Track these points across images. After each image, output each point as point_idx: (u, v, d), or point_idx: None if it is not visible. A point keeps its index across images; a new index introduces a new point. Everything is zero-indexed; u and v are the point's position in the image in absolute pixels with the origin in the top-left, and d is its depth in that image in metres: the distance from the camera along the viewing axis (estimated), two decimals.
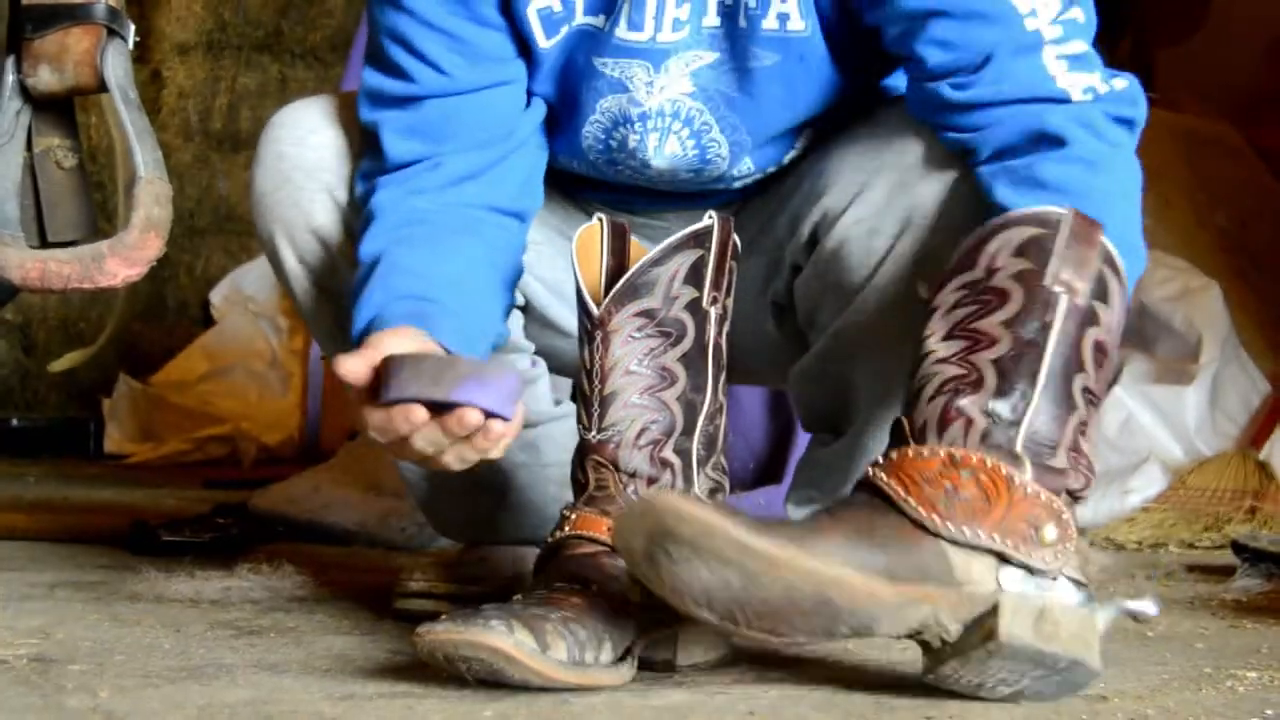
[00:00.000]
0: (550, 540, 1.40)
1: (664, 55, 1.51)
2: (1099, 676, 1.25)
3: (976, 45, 1.41)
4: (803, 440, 2.46)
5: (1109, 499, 2.61)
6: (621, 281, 1.37)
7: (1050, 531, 1.23)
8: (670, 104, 1.53)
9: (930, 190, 1.48)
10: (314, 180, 1.57)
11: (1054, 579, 1.23)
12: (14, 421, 4.31)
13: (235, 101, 4.50)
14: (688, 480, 1.39)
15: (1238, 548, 2.04)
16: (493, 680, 1.24)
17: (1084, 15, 1.44)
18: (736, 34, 1.50)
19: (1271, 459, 2.66)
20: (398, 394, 1.29)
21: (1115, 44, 3.90)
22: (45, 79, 1.58)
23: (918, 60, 1.44)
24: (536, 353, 1.69)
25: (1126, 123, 1.43)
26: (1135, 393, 2.76)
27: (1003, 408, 1.25)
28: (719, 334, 1.40)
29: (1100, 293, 1.29)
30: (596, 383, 1.39)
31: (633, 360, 1.38)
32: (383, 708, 1.20)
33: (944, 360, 1.28)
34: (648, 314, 1.37)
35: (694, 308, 1.38)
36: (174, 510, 2.63)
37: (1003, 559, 1.22)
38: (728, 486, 1.45)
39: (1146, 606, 1.26)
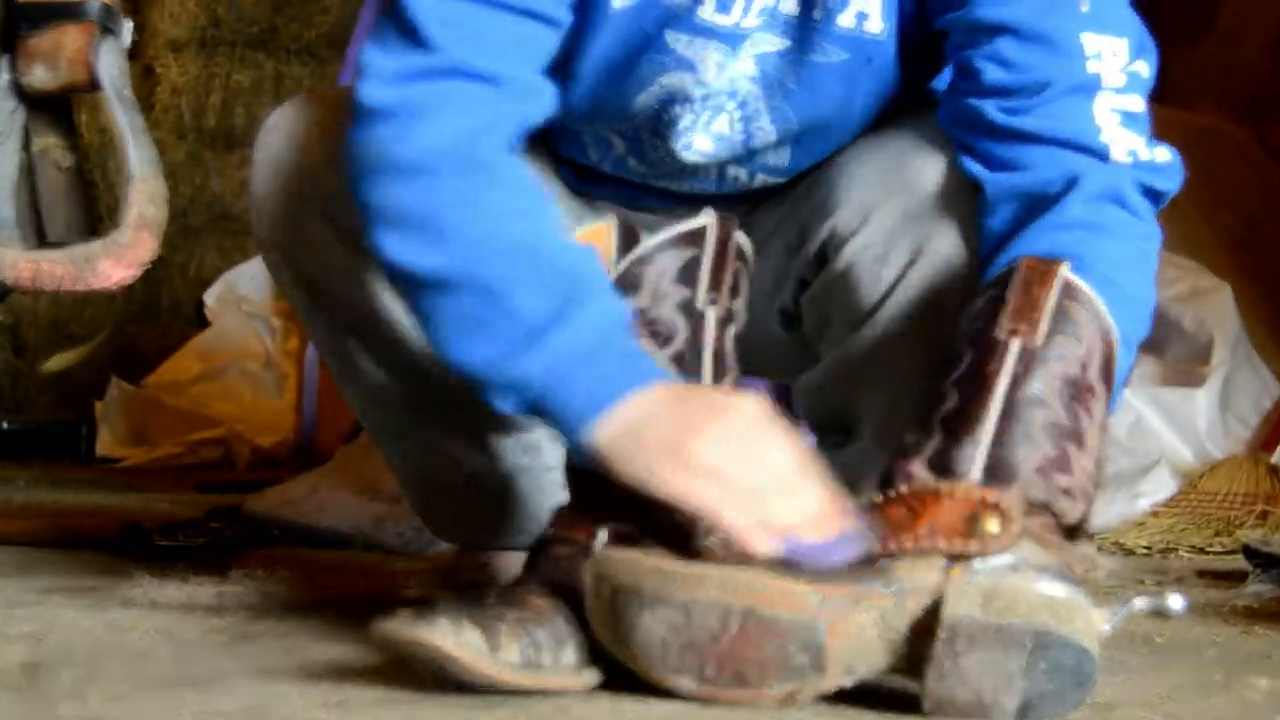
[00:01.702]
0: (537, 541, 1.39)
1: (741, 40, 1.49)
2: (1091, 660, 1.20)
3: (1036, 71, 1.39)
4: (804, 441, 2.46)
5: (1118, 503, 2.61)
6: (609, 280, 1.36)
7: (991, 524, 1.22)
8: (730, 82, 1.51)
9: (943, 225, 1.46)
10: (312, 185, 1.55)
11: (1017, 570, 1.22)
12: (4, 424, 4.30)
13: (229, 99, 4.49)
14: None
15: (1249, 553, 2.05)
16: (443, 678, 1.24)
17: (1148, 71, 1.42)
18: (809, 25, 1.48)
19: None
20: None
21: None
22: (39, 77, 1.58)
23: (973, 73, 1.42)
24: None
25: (1154, 195, 1.41)
26: (1145, 395, 2.76)
27: (947, 460, 1.25)
28: (719, 336, 1.38)
29: (1062, 327, 1.28)
30: None
31: None
32: (379, 715, 1.19)
33: (908, 431, 1.29)
34: (635, 313, 1.36)
35: (687, 308, 1.37)
36: (167, 514, 2.62)
37: (949, 558, 1.22)
38: None
39: (1170, 601, 1.24)
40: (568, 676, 1.26)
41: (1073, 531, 1.27)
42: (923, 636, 1.19)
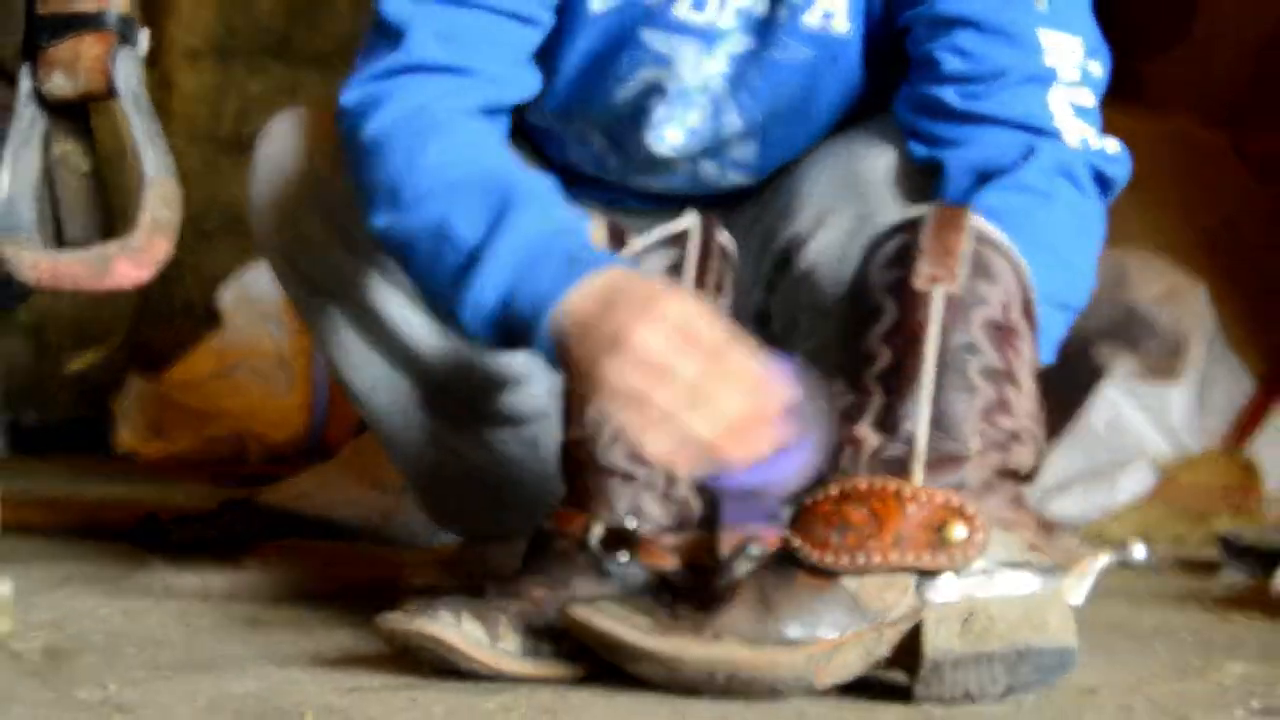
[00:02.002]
0: (534, 535, 1.41)
1: (718, 38, 1.52)
2: (1071, 654, 1.22)
3: (993, 61, 1.43)
4: None
5: (1097, 495, 2.62)
6: None
7: (956, 530, 1.20)
8: (702, 79, 1.53)
9: (894, 218, 1.48)
10: (309, 190, 1.58)
11: (989, 574, 1.21)
12: (27, 420, 4.32)
13: (245, 107, 4.49)
14: (670, 478, 1.38)
15: (1224, 543, 2.06)
16: (445, 668, 1.27)
17: (1100, 71, 1.46)
18: (775, 23, 1.50)
19: (1257, 456, 2.67)
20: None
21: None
22: (59, 85, 1.59)
23: (933, 63, 1.45)
24: None
25: (1103, 181, 1.44)
26: (1123, 391, 2.76)
27: (891, 419, 1.23)
28: None
29: (980, 271, 1.26)
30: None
31: None
32: (388, 699, 1.21)
33: (838, 393, 1.27)
34: None
35: None
36: (183, 506, 2.63)
37: (920, 574, 1.21)
38: None
39: (1134, 551, 1.26)
40: (565, 665, 1.29)
41: (1027, 477, 1.27)
42: (906, 657, 1.22)
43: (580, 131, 1.62)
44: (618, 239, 1.42)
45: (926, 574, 1.21)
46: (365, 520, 2.40)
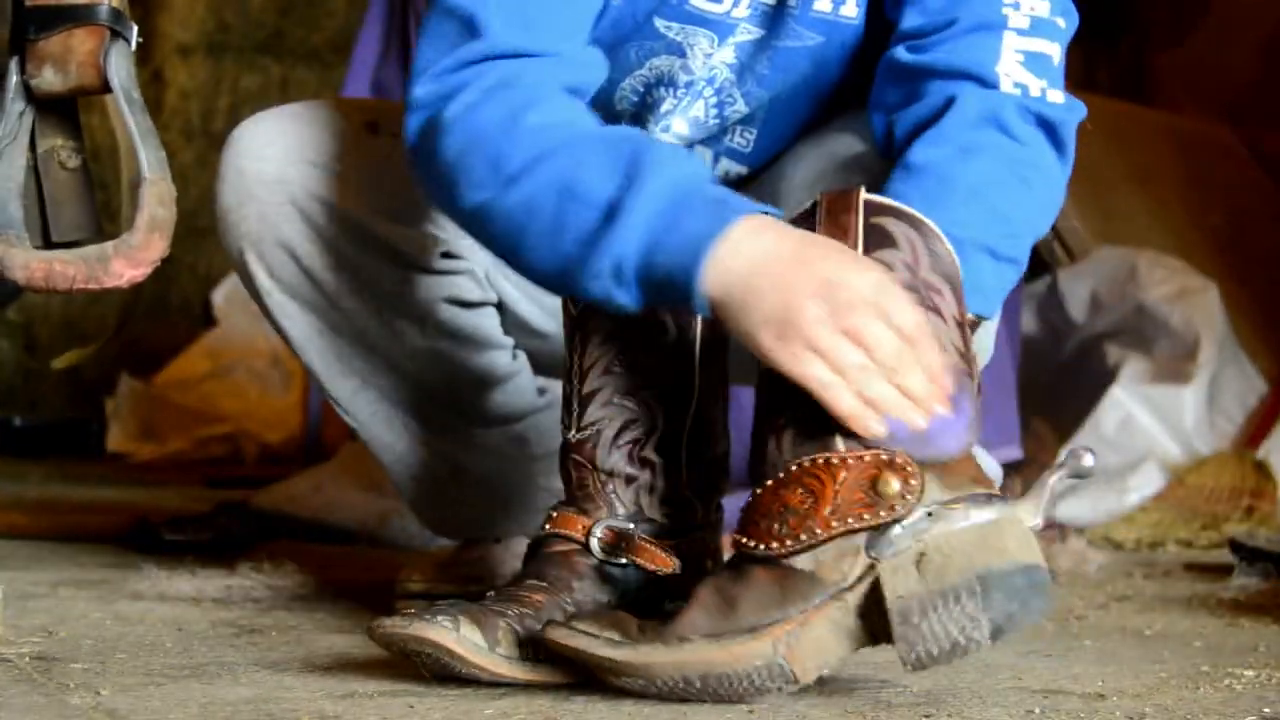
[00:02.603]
0: (534, 538, 1.41)
1: (731, 29, 1.51)
2: (1038, 571, 1.20)
3: (947, 12, 1.41)
4: None
5: (1108, 498, 2.62)
6: None
7: (890, 484, 1.19)
8: (709, 70, 1.52)
9: None
10: (276, 193, 1.57)
11: (934, 517, 1.20)
12: (17, 421, 4.32)
13: (237, 102, 4.50)
14: (672, 481, 1.38)
15: (1235, 546, 2.05)
16: (444, 673, 1.26)
17: (1065, 23, 1.43)
18: (785, 13, 1.50)
19: (1269, 458, 2.67)
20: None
21: (1114, 46, 3.91)
22: (49, 80, 1.58)
23: (897, 22, 1.44)
24: (515, 347, 1.69)
25: (1048, 126, 1.39)
26: (1133, 392, 2.76)
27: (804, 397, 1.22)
28: (710, 332, 1.39)
29: (877, 242, 1.25)
30: (576, 382, 1.39)
31: (610, 360, 1.37)
32: (383, 706, 1.20)
33: (758, 391, 1.27)
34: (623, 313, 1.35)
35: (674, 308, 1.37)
36: (176, 509, 2.63)
37: (870, 533, 1.20)
38: (727, 483, 1.45)
39: (1084, 459, 1.23)
40: (564, 671, 1.28)
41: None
42: (875, 619, 1.20)
43: None
44: None
45: (875, 531, 1.20)
46: (361, 523, 2.40)
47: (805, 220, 1.27)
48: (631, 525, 1.37)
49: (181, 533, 2.23)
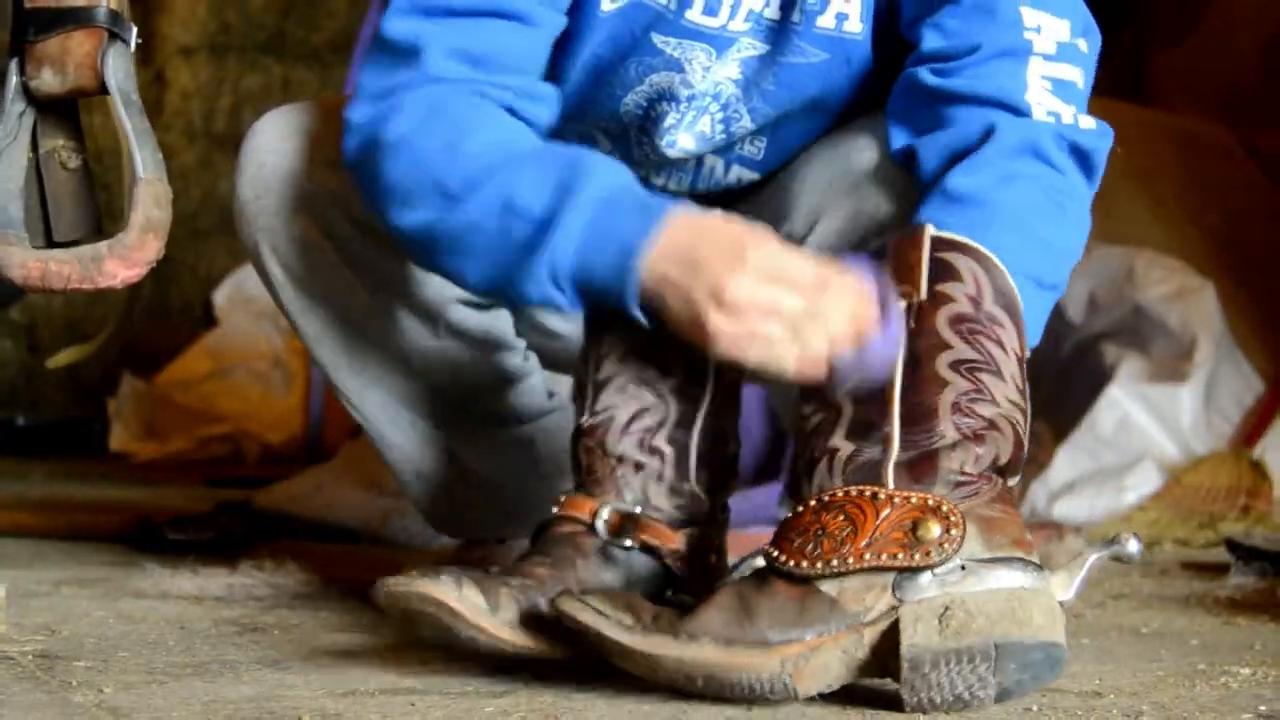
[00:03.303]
0: (541, 521, 1.41)
1: (729, 43, 1.51)
2: (1058, 650, 1.20)
3: (970, 37, 1.41)
4: None
5: (1105, 497, 2.62)
6: None
7: (931, 529, 1.19)
8: (714, 85, 1.53)
9: (888, 218, 1.47)
10: (294, 188, 1.57)
11: (968, 571, 1.19)
12: (20, 420, 4.32)
13: (239, 103, 4.50)
14: (681, 472, 1.39)
15: (1232, 546, 2.05)
16: (444, 638, 1.26)
17: (1088, 47, 1.43)
18: (789, 29, 1.50)
19: (1265, 457, 2.67)
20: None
21: (1113, 45, 3.91)
22: (47, 81, 1.58)
23: (916, 43, 1.44)
24: (527, 349, 1.70)
25: (1080, 154, 1.41)
26: (1131, 392, 2.76)
27: (864, 425, 1.24)
28: None
29: (941, 275, 1.26)
30: (591, 368, 1.39)
31: (625, 348, 1.38)
32: (385, 704, 1.20)
33: (808, 414, 1.27)
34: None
35: None
36: (178, 508, 2.63)
37: (899, 573, 1.20)
38: (736, 484, 1.45)
39: (1128, 545, 1.22)
40: (561, 643, 1.28)
41: (1010, 468, 1.25)
42: (886, 659, 1.20)
43: (586, 132, 1.61)
44: None
45: (905, 573, 1.20)
46: (362, 522, 2.40)
47: (875, 259, 1.28)
48: (638, 509, 1.37)
49: (183, 532, 2.23)
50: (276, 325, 4.21)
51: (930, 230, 1.28)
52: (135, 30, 1.62)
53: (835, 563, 1.20)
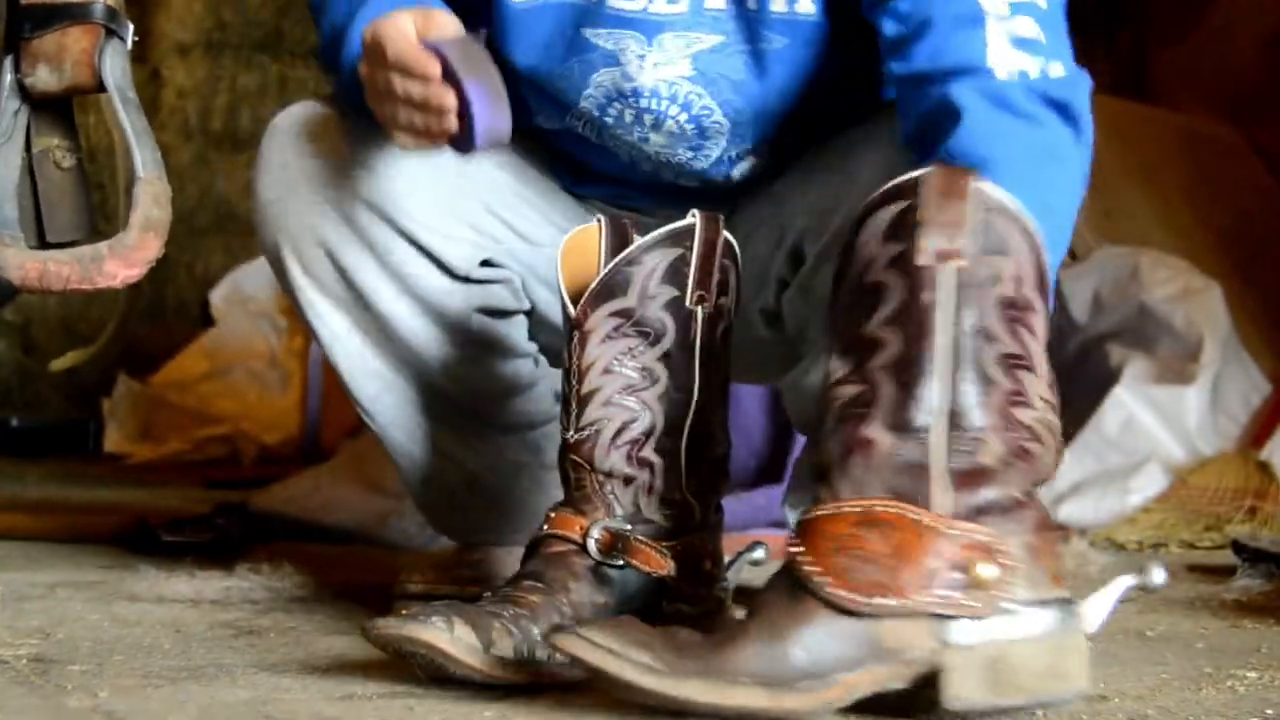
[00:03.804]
0: (532, 539, 1.40)
1: (657, 28, 1.50)
2: (1084, 691, 1.18)
3: (921, 13, 1.40)
4: (802, 440, 2.47)
5: (1110, 499, 2.62)
6: (596, 281, 1.36)
7: (987, 569, 1.13)
8: (667, 86, 1.52)
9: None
10: (319, 191, 1.56)
11: (1013, 615, 1.14)
12: (14, 422, 4.32)
13: (235, 101, 4.50)
14: (671, 482, 1.38)
15: (1238, 548, 2.04)
16: (440, 675, 1.25)
17: (1045, 2, 1.40)
18: (746, 16, 1.49)
19: (1272, 459, 2.66)
20: (439, 46, 1.40)
21: (1114, 42, 3.91)
22: (43, 78, 1.58)
23: (880, 33, 1.43)
24: (542, 352, 1.69)
25: (1058, 105, 1.37)
26: (1136, 393, 2.76)
27: (905, 417, 1.15)
28: (710, 333, 1.38)
29: (993, 244, 1.16)
30: (574, 382, 1.38)
31: (610, 359, 1.36)
32: (382, 708, 1.20)
33: (841, 381, 1.17)
34: (624, 313, 1.36)
35: (675, 306, 1.36)
36: (174, 510, 2.63)
37: (942, 616, 1.13)
38: (727, 485, 1.44)
39: (1154, 575, 1.19)
40: (561, 670, 1.27)
41: (1048, 478, 1.19)
42: (925, 699, 1.15)
43: (573, 132, 1.61)
44: (620, 235, 1.40)
45: (952, 620, 1.14)
46: (360, 524, 2.40)
47: (906, 193, 1.17)
48: (628, 526, 1.36)
49: (180, 534, 2.23)
50: (273, 325, 4.20)
51: (974, 182, 1.17)
52: (132, 27, 1.61)
53: (878, 599, 1.12)
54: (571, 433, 1.38)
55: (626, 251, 1.36)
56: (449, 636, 1.24)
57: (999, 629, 1.14)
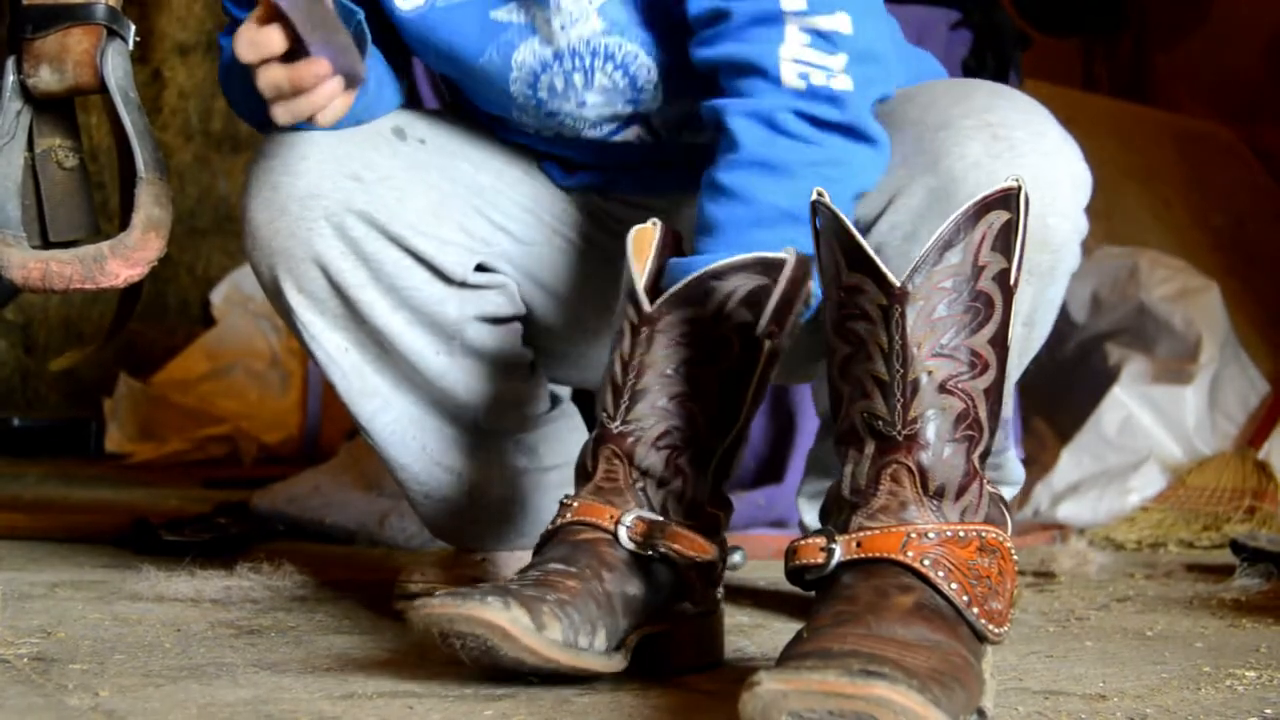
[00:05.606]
0: (550, 527, 1.38)
1: None
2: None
3: (720, 2, 1.41)
4: (802, 440, 2.47)
5: (1108, 498, 2.62)
6: (681, 284, 1.35)
7: (1021, 597, 1.19)
8: (585, 44, 1.51)
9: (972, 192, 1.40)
10: (310, 209, 1.55)
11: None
12: (15, 421, 4.32)
13: None
14: (699, 492, 1.37)
15: (1236, 547, 2.04)
16: (485, 659, 1.23)
17: None
18: None
19: (1270, 458, 2.67)
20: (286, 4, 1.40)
21: (1114, 44, 3.91)
22: (45, 79, 1.58)
23: (686, 11, 1.44)
24: (539, 356, 1.69)
25: (821, 124, 1.39)
26: (1135, 392, 2.76)
27: (987, 449, 1.18)
28: (767, 367, 1.37)
29: (1000, 244, 1.16)
30: (631, 375, 1.36)
31: (673, 364, 1.36)
32: (382, 707, 1.20)
33: (945, 390, 1.16)
34: (696, 323, 1.35)
35: (745, 332, 1.36)
36: (175, 510, 2.63)
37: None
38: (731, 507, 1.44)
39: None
40: (602, 660, 1.27)
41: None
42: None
43: (523, 126, 1.62)
44: (673, 240, 1.41)
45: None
46: (360, 523, 2.40)
47: (973, 218, 1.16)
48: (662, 517, 1.35)
49: (180, 533, 2.23)
50: (274, 325, 4.20)
51: (1024, 190, 1.17)
52: (134, 28, 1.61)
53: (998, 630, 1.14)
54: (617, 424, 1.36)
55: (716, 265, 1.35)
56: (508, 616, 1.21)
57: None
